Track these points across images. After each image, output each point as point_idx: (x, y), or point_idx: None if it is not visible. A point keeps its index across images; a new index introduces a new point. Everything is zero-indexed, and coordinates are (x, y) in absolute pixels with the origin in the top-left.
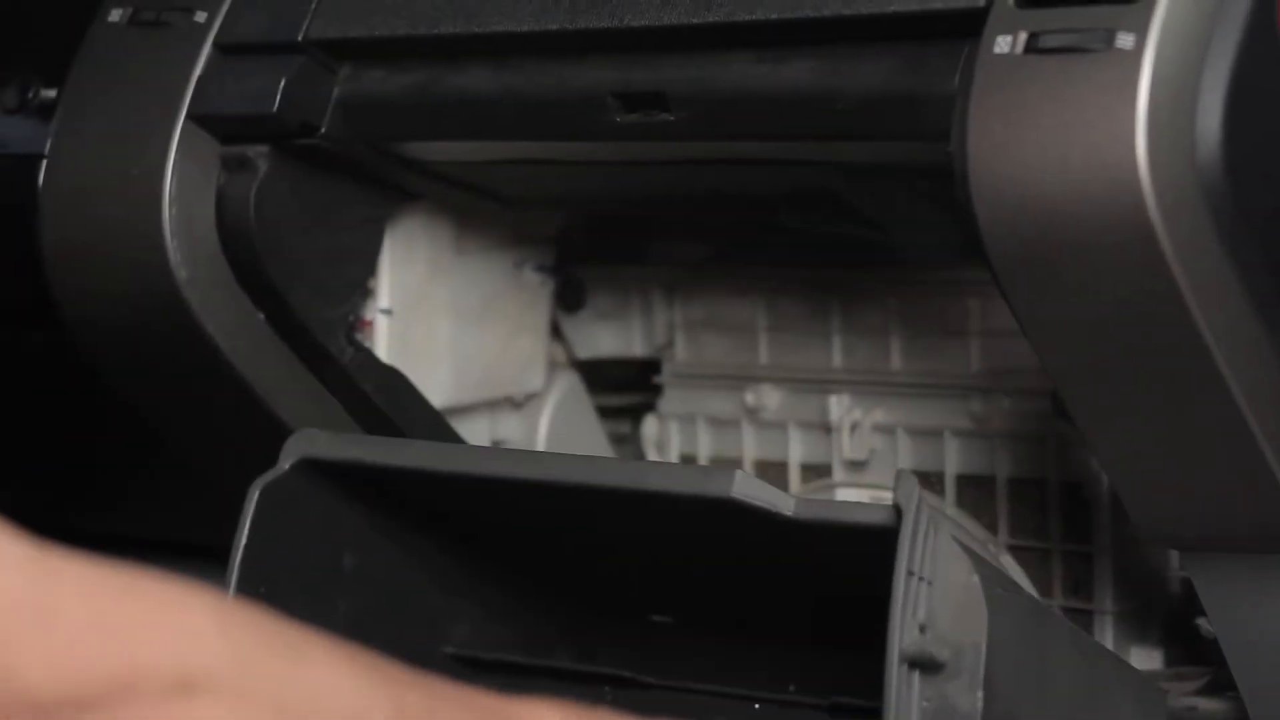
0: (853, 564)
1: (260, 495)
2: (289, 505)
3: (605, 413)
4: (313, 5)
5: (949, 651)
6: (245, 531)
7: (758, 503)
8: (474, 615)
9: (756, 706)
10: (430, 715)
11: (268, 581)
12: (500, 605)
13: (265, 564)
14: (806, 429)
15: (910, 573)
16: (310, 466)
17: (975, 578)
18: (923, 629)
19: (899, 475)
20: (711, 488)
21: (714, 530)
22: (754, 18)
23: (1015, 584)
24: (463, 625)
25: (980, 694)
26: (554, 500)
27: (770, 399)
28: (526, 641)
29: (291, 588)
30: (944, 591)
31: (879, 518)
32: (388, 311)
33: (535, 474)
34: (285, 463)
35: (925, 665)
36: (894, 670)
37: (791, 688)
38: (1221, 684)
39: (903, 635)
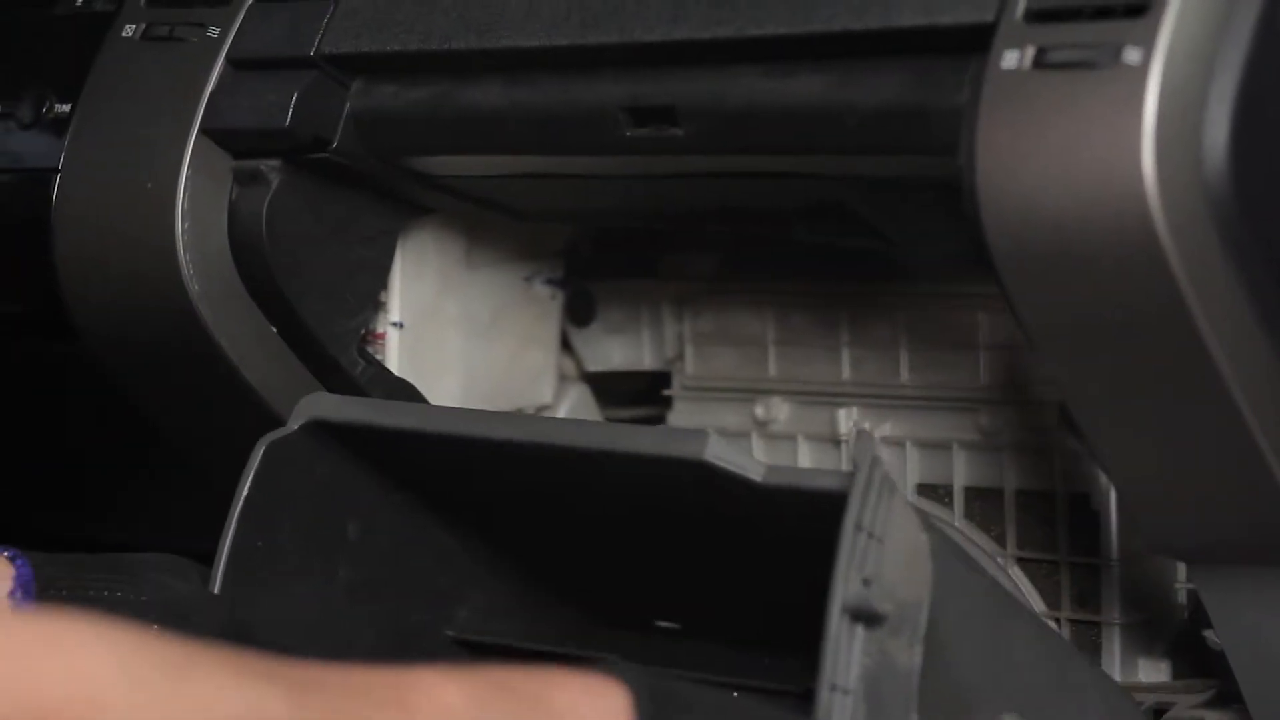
0: (829, 544)
1: (265, 453)
2: (295, 466)
3: None
4: (325, 20)
5: (892, 605)
6: (247, 485)
7: (729, 466)
8: (475, 602)
9: (735, 695)
10: (328, 714)
11: (265, 537)
12: (507, 600)
13: (265, 521)
14: (815, 441)
15: (859, 527)
16: (319, 429)
17: (924, 536)
18: (866, 582)
19: (858, 434)
20: (686, 450)
21: (697, 512)
22: (763, 32)
23: (979, 565)
24: (464, 610)
25: (920, 649)
26: (542, 468)
27: (779, 412)
28: (524, 634)
29: (290, 548)
30: (893, 550)
31: (839, 483)
32: (399, 324)
33: (518, 435)
34: (294, 424)
35: (867, 618)
36: (835, 622)
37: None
38: (1228, 696)
39: (846, 587)
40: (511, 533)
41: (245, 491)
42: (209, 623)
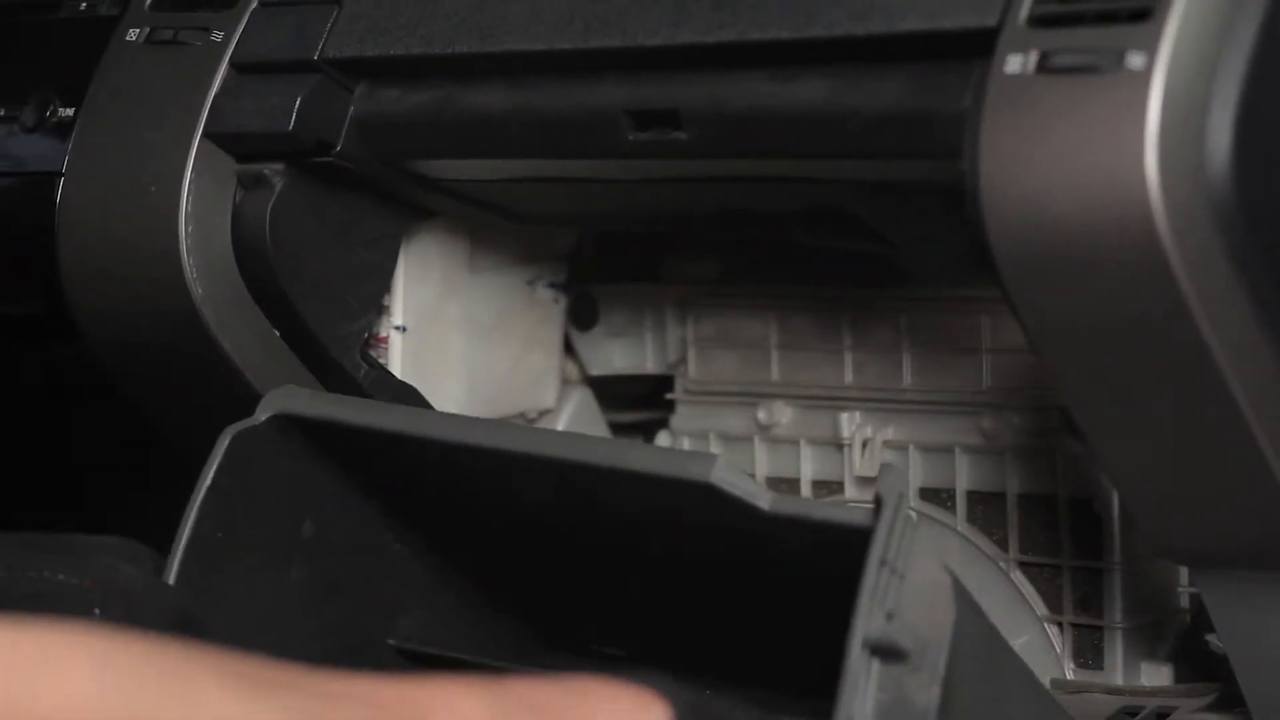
0: (830, 585)
1: (231, 443)
2: (258, 459)
3: (617, 429)
4: (328, 24)
5: (912, 642)
6: (210, 475)
7: (735, 491)
8: (422, 614)
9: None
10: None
11: (225, 528)
12: (450, 613)
13: (225, 512)
14: (818, 445)
15: (883, 562)
16: (286, 424)
17: (948, 576)
18: (889, 617)
19: (884, 468)
20: (691, 471)
21: (687, 539)
22: (766, 36)
23: (984, 614)
24: (409, 620)
25: (938, 690)
26: (525, 481)
27: (782, 416)
28: (464, 648)
29: (247, 541)
30: (915, 586)
31: (858, 518)
32: (402, 328)
33: (513, 445)
34: (261, 415)
35: (887, 653)
36: (855, 655)
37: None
38: (1231, 700)
39: (869, 620)
40: (465, 544)
41: (209, 480)
42: (154, 610)
